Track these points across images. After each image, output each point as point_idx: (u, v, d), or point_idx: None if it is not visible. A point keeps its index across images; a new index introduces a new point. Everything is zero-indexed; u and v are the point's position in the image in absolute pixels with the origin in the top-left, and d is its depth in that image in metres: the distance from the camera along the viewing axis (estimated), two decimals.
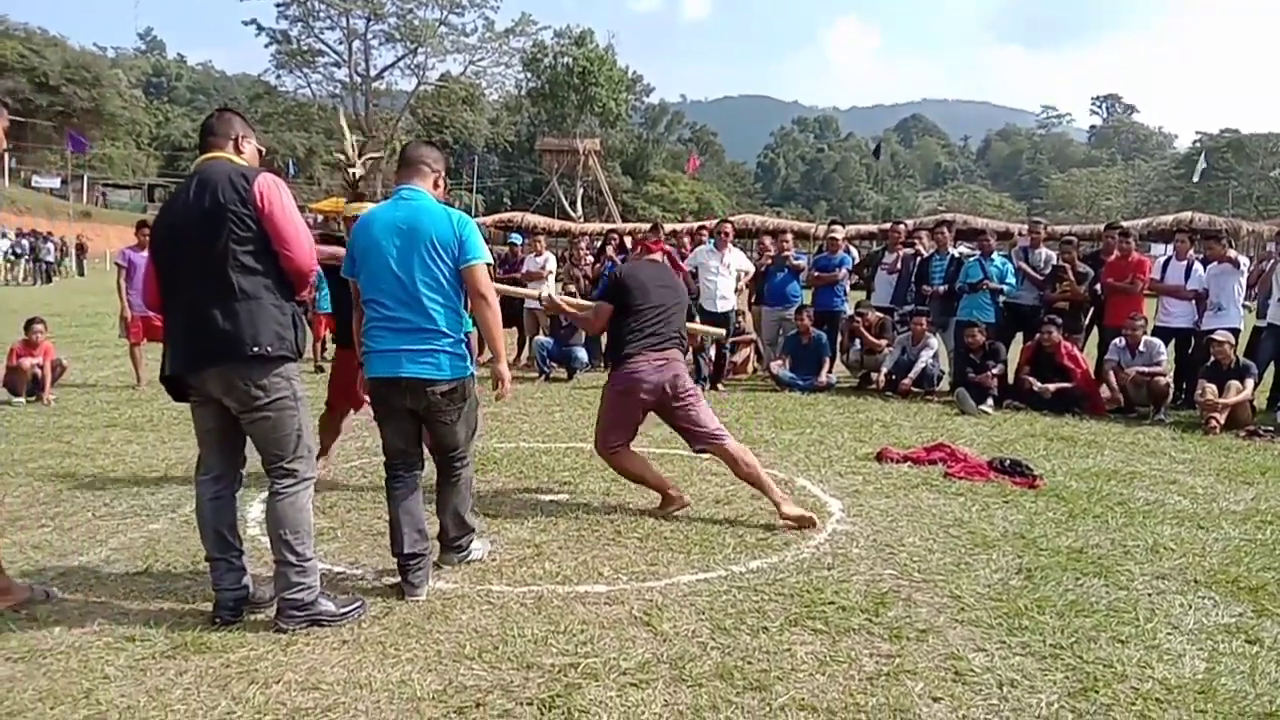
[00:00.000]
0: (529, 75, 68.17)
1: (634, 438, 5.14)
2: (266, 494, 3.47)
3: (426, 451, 4.01)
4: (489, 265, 3.84)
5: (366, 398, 3.98)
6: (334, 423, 5.72)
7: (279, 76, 62.96)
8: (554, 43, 67.29)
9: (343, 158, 5.51)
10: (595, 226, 36.48)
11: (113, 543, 4.36)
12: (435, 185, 3.85)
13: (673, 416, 5.00)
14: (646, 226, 14.08)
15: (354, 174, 5.48)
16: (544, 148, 57.31)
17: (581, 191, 56.25)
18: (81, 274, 33.79)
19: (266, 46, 61.02)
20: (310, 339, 10.74)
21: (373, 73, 62.50)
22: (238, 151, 3.50)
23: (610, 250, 12.15)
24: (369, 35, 61.14)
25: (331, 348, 11.08)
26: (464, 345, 3.77)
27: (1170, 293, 9.21)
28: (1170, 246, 9.86)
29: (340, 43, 61.25)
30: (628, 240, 13.64)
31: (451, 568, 4.05)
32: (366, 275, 3.71)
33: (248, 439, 3.51)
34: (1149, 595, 3.92)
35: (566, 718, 2.78)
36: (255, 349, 3.28)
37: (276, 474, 3.43)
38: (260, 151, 3.64)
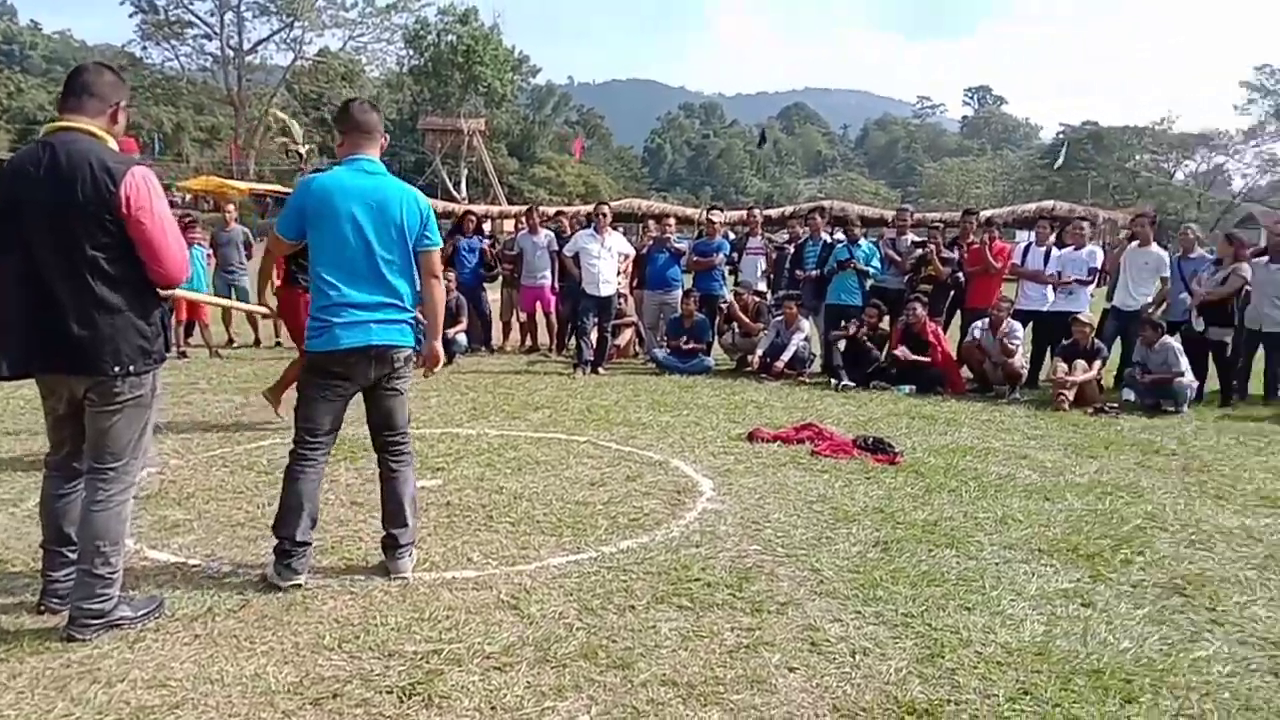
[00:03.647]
0: (411, 52, 66.56)
1: None
2: (85, 497, 3.19)
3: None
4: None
5: None
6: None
7: (144, 48, 59.87)
8: (437, 20, 65.81)
9: (286, 141, 5.49)
10: (481, 208, 36.12)
11: None
12: (380, 150, 3.73)
13: None
14: (524, 209, 13.94)
15: (301, 154, 5.48)
16: (427, 126, 56.15)
17: (466, 172, 55.35)
18: None
19: (131, 16, 57.96)
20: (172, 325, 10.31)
21: (246, 46, 60.02)
22: (112, 122, 3.15)
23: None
24: (242, 7, 58.72)
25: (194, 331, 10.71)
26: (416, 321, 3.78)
27: (1030, 277, 9.68)
28: (1032, 233, 10.36)
29: (211, 14, 58.70)
30: (486, 225, 13.28)
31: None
32: (327, 247, 3.57)
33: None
34: (996, 564, 4.13)
35: (427, 704, 2.77)
36: (117, 369, 3.07)
37: (103, 478, 3.15)
38: (129, 122, 3.33)
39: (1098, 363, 8.50)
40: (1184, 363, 8.24)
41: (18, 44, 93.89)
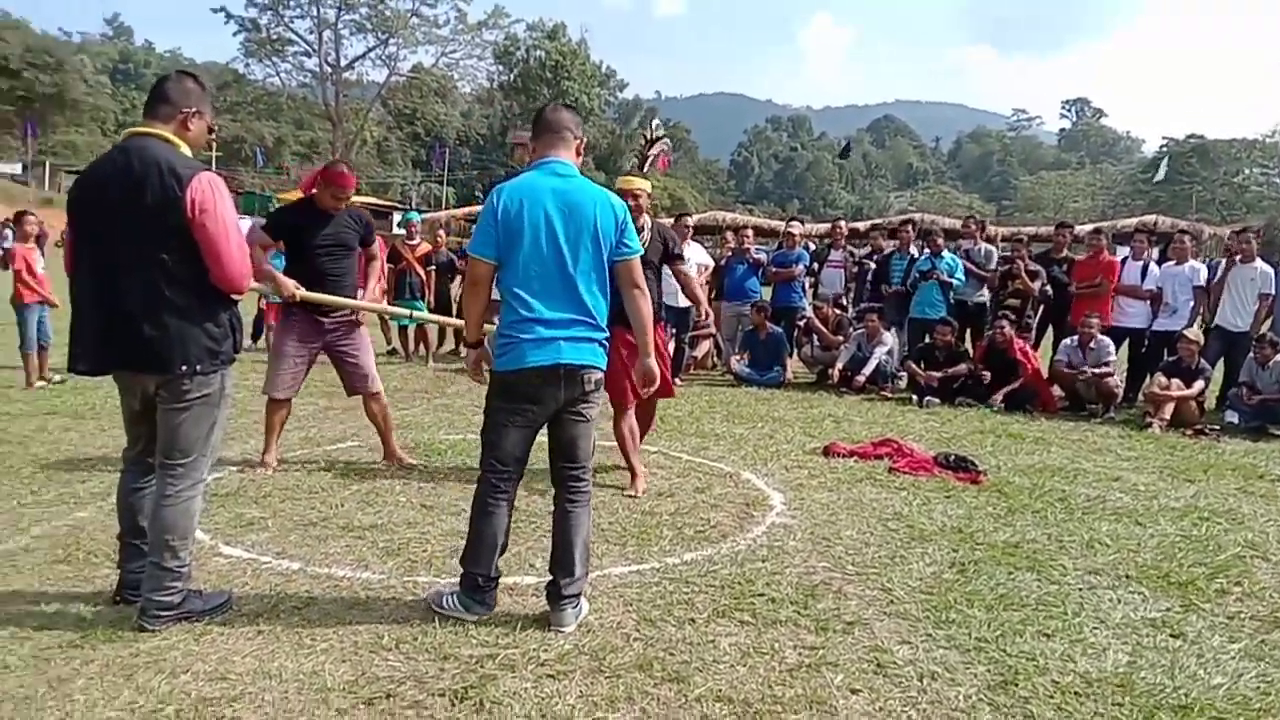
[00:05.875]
0: (501, 68, 68.07)
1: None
2: (155, 492, 3.29)
3: None
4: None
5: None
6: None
7: (248, 65, 62.39)
8: (526, 36, 67.20)
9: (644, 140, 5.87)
10: None
11: (35, 530, 4.25)
12: (577, 154, 3.49)
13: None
14: None
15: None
16: (516, 140, 57.13)
17: None
18: None
19: (235, 34, 60.42)
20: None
21: (343, 63, 62.02)
22: (184, 129, 3.25)
23: None
24: (340, 25, 60.70)
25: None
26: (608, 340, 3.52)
27: (1127, 292, 9.29)
28: (1129, 247, 9.95)
29: (310, 32, 60.76)
30: None
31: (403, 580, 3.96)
32: (518, 258, 3.29)
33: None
34: (1079, 590, 3.93)
35: (478, 709, 2.74)
36: (184, 367, 3.15)
37: (173, 473, 3.24)
38: (211, 129, 3.41)
39: (1199, 382, 8.09)
40: None
41: (133, 63, 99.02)
